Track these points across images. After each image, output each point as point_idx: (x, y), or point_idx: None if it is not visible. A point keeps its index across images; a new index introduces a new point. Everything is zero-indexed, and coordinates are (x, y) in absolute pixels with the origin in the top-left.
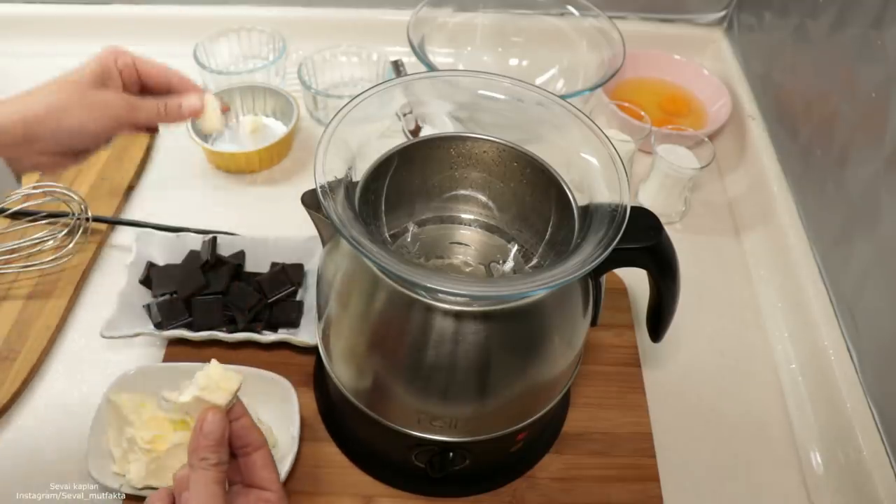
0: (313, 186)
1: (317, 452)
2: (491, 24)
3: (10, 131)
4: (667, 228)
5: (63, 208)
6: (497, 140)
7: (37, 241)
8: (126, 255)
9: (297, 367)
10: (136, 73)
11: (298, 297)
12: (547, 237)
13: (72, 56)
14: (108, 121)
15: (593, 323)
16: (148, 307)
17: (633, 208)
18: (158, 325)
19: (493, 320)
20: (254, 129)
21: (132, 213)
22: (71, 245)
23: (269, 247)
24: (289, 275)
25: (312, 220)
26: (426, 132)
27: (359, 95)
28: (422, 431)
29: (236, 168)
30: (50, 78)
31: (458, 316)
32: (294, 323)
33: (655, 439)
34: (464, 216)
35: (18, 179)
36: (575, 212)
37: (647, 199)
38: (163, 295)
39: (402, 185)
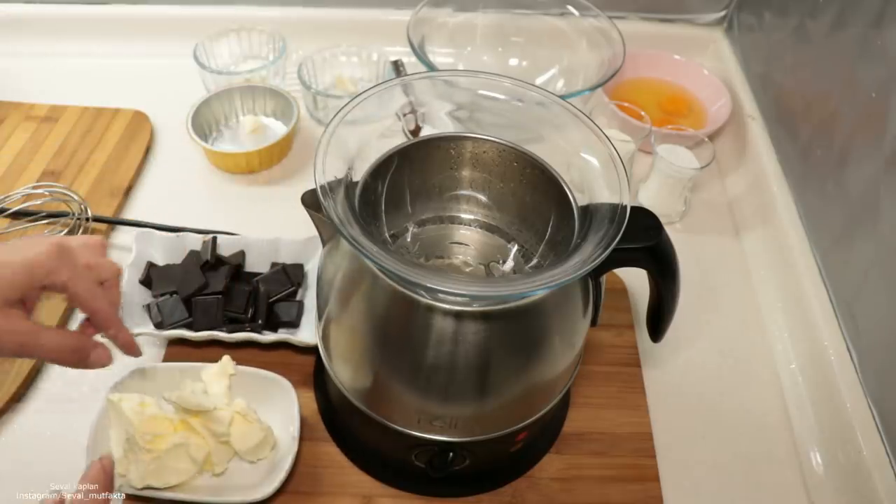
0: (313, 186)
1: (317, 452)
2: (491, 24)
3: None
4: (667, 228)
5: (63, 208)
6: (497, 140)
7: None
8: (126, 255)
9: (297, 367)
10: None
11: (298, 297)
12: (547, 237)
13: (72, 56)
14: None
15: (593, 323)
16: (148, 307)
17: (633, 208)
18: (158, 325)
19: (493, 320)
20: (254, 129)
21: (132, 213)
22: None
23: (268, 247)
24: (289, 275)
25: (312, 220)
26: (426, 132)
27: (359, 95)
28: (422, 431)
29: (236, 168)
30: None
31: (458, 316)
32: (294, 323)
33: (655, 439)
34: (464, 216)
35: None
36: (575, 212)
37: (647, 199)
38: (163, 295)
39: (402, 185)
